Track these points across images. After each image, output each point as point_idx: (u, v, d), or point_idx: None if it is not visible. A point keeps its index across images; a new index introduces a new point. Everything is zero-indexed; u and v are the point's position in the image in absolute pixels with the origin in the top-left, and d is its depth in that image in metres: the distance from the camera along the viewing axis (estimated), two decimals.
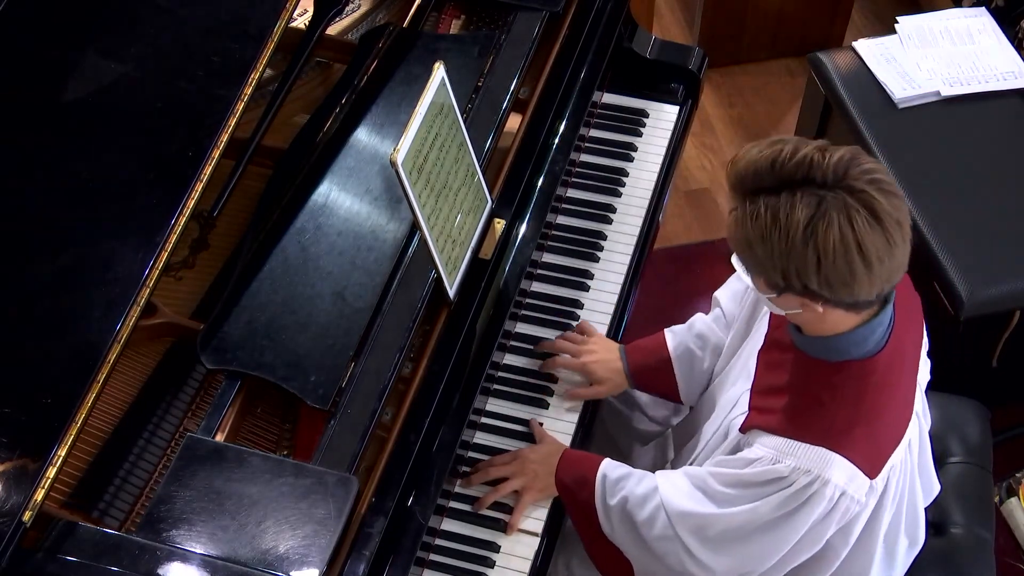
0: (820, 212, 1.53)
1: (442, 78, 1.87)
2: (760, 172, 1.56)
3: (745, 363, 1.91)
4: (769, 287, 1.64)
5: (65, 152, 2.01)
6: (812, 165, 1.54)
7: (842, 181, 1.54)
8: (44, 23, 2.14)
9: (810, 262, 1.54)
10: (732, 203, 1.62)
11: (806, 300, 1.62)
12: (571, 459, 2.00)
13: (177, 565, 1.67)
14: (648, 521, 1.87)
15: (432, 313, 2.01)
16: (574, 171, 2.41)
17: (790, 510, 1.73)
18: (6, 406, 1.76)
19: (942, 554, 2.18)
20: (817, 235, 1.53)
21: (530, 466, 1.99)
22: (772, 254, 1.56)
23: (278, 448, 1.93)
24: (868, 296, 1.60)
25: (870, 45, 3.05)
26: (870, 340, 1.69)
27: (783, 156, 1.55)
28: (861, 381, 1.70)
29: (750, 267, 1.64)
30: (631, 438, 2.27)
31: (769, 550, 1.79)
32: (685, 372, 2.13)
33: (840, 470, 1.70)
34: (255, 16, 2.15)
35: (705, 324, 2.15)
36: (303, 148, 2.16)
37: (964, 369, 2.80)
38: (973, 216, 2.72)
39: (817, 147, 1.56)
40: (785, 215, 1.54)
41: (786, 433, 1.73)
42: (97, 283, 1.86)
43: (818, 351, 1.72)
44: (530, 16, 2.33)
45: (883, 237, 1.54)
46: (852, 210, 1.53)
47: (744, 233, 1.58)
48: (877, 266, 1.55)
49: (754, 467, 1.75)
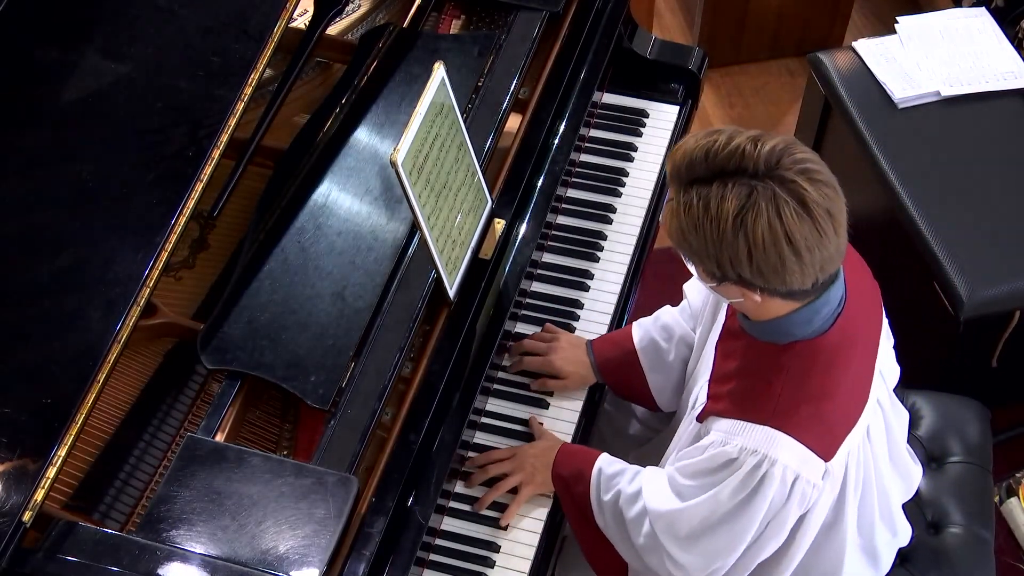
0: (750, 203, 1.54)
1: (442, 78, 1.87)
2: (694, 162, 1.58)
3: (709, 358, 1.91)
4: (708, 276, 1.66)
5: (65, 152, 2.01)
6: (744, 155, 1.55)
7: (773, 171, 1.55)
8: (44, 23, 2.14)
9: (741, 252, 1.56)
10: (670, 194, 1.64)
11: (743, 289, 1.63)
12: (569, 453, 2.01)
13: (177, 565, 1.67)
14: (635, 520, 1.87)
15: (432, 313, 2.01)
16: (574, 171, 2.42)
17: (746, 495, 1.73)
18: (6, 406, 1.76)
19: (942, 554, 2.18)
20: (747, 225, 1.54)
21: (528, 461, 2.00)
22: (705, 244, 1.58)
23: (278, 448, 1.93)
24: (802, 285, 1.61)
25: (870, 45, 3.05)
26: (815, 320, 1.70)
27: (716, 146, 1.57)
28: (807, 360, 1.71)
29: (689, 257, 1.66)
30: (626, 444, 2.27)
31: (733, 541, 1.78)
32: (651, 363, 2.12)
33: (788, 450, 1.70)
34: (255, 16, 2.15)
35: (671, 315, 2.15)
36: (303, 148, 2.16)
37: (964, 369, 2.80)
38: (973, 216, 2.72)
39: (750, 137, 1.57)
40: (716, 205, 1.55)
41: (734, 415, 1.74)
42: (97, 283, 1.86)
43: (765, 334, 1.73)
44: (530, 16, 2.33)
45: (812, 227, 1.55)
46: (781, 200, 1.54)
47: (678, 223, 1.60)
48: (807, 256, 1.56)
49: (708, 452, 1.76)
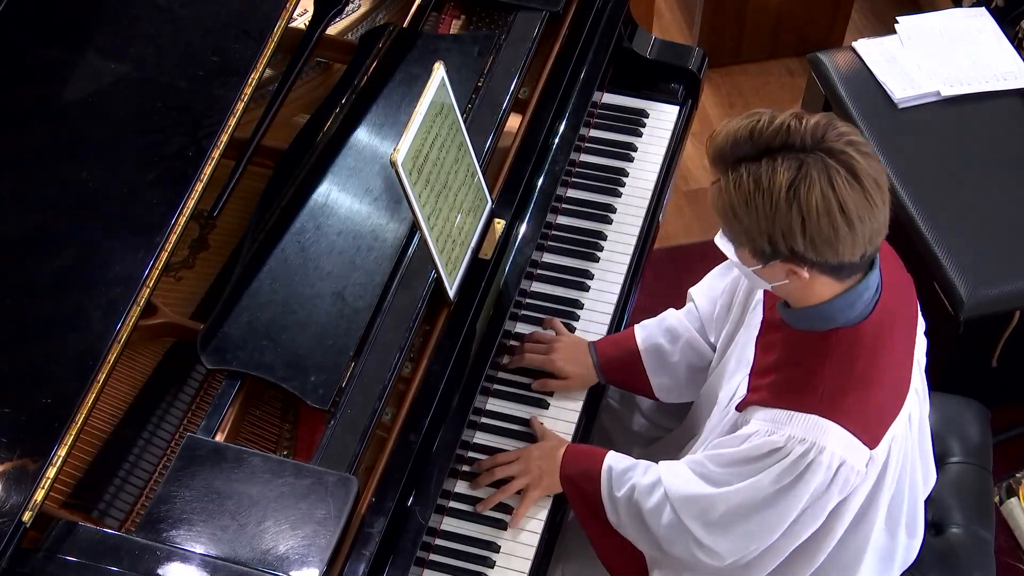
0: (802, 174, 1.57)
1: (442, 78, 1.87)
2: (740, 141, 1.60)
3: (742, 353, 1.91)
4: (756, 257, 1.66)
5: (65, 152, 2.01)
6: (790, 131, 1.58)
7: (820, 144, 1.58)
8: (44, 23, 2.14)
9: (795, 223, 1.58)
10: (714, 176, 1.65)
11: (792, 266, 1.64)
12: (575, 453, 2.01)
13: (177, 565, 1.67)
14: (655, 510, 1.87)
15: (432, 313, 2.01)
16: (574, 171, 2.42)
17: (789, 481, 1.73)
18: (6, 406, 1.76)
19: (942, 554, 2.18)
20: (800, 196, 1.56)
21: (535, 463, 2.00)
22: (757, 219, 1.60)
23: (278, 448, 1.93)
24: (852, 257, 1.62)
25: (870, 45, 3.05)
26: (857, 305, 1.71)
27: (761, 125, 1.59)
28: (850, 347, 1.72)
29: (736, 238, 1.67)
30: (630, 441, 2.27)
31: (772, 525, 1.78)
32: (654, 366, 2.13)
33: (836, 437, 1.71)
34: (255, 16, 2.15)
35: (676, 318, 2.15)
36: (303, 148, 2.16)
37: (964, 369, 2.80)
38: (973, 216, 2.72)
39: (793, 114, 1.60)
40: (768, 179, 1.57)
41: (780, 404, 1.74)
42: (97, 283, 1.86)
43: (806, 322, 1.74)
44: (530, 16, 2.33)
45: (863, 196, 1.58)
46: (832, 170, 1.57)
47: (729, 201, 1.62)
48: (859, 225, 1.59)
49: (750, 441, 1.76)
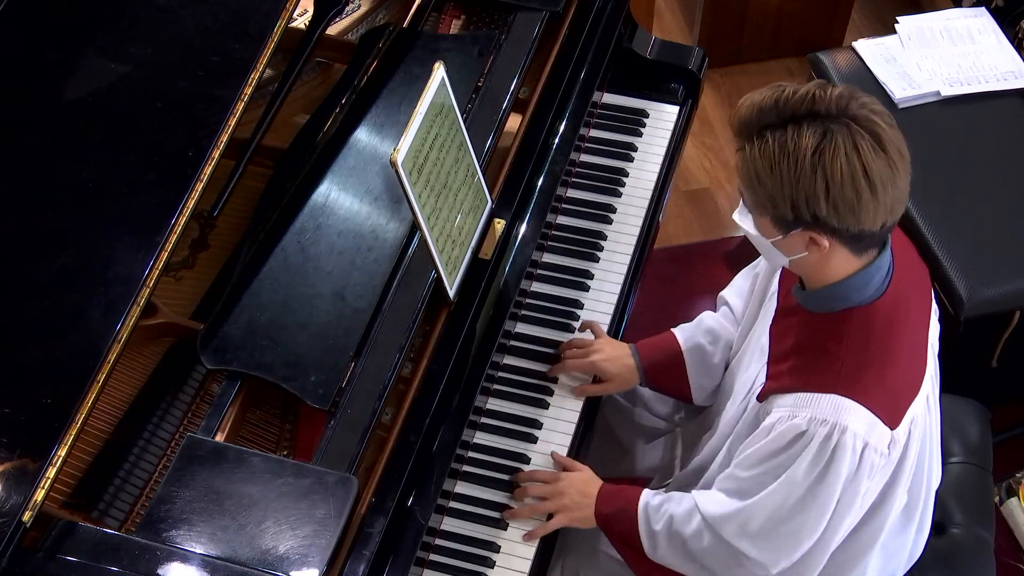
0: (827, 139, 1.59)
1: (442, 78, 1.87)
2: (765, 110, 1.62)
3: (758, 343, 1.92)
4: (777, 226, 1.67)
5: (65, 152, 2.01)
6: (815, 99, 1.61)
7: (845, 112, 1.60)
8: (44, 23, 2.14)
9: (819, 189, 1.59)
10: (738, 144, 1.67)
11: (814, 234, 1.65)
12: (610, 492, 2.01)
13: (177, 565, 1.67)
14: (696, 535, 1.88)
15: (432, 313, 2.01)
16: (574, 171, 2.41)
17: (820, 470, 1.73)
18: (6, 406, 1.76)
19: (942, 554, 2.18)
20: (825, 161, 1.58)
21: (569, 494, 2.00)
22: (781, 184, 1.61)
23: (278, 448, 1.93)
24: (872, 226, 1.64)
25: (870, 45, 3.05)
26: (870, 285, 1.72)
27: (786, 94, 1.62)
28: (865, 325, 1.73)
29: (759, 206, 1.68)
30: (633, 434, 2.28)
31: (812, 521, 1.78)
32: (696, 366, 2.14)
33: (857, 417, 1.71)
34: (255, 16, 2.15)
35: (715, 320, 2.17)
36: (303, 148, 2.16)
37: (964, 369, 2.80)
38: (973, 216, 2.72)
39: (818, 83, 1.63)
40: (793, 143, 1.59)
41: (798, 388, 1.75)
42: (97, 283, 1.85)
43: (821, 304, 1.75)
44: (530, 16, 2.33)
45: (887, 163, 1.60)
46: (857, 136, 1.59)
47: (754, 167, 1.63)
48: (881, 192, 1.60)
49: (775, 431, 1.76)
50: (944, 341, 2.67)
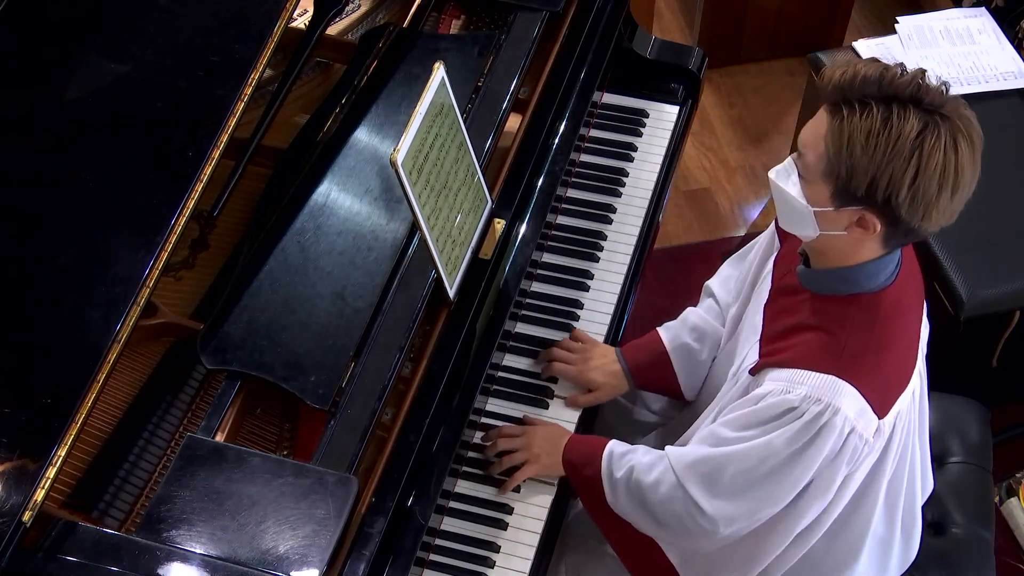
0: (930, 129, 1.58)
1: (442, 78, 1.87)
2: (868, 81, 1.60)
3: (751, 328, 1.92)
4: (836, 197, 1.65)
5: (65, 152, 2.01)
6: (920, 87, 1.60)
7: (942, 107, 1.60)
8: (44, 23, 2.14)
9: (908, 173, 1.58)
10: (829, 107, 1.63)
11: (870, 215, 1.64)
12: (578, 440, 2.04)
13: (177, 565, 1.67)
14: (654, 484, 1.87)
15: (432, 313, 2.01)
16: (574, 171, 2.41)
17: (802, 444, 1.72)
18: (6, 406, 1.76)
19: (942, 554, 2.18)
20: (924, 148, 1.58)
21: (537, 443, 2.02)
22: (872, 157, 1.59)
23: (278, 448, 1.93)
24: (929, 226, 1.64)
25: (870, 45, 3.05)
26: (882, 274, 1.73)
27: (892, 73, 1.61)
28: (871, 312, 1.73)
29: (829, 173, 1.63)
30: (632, 429, 2.28)
31: (780, 492, 1.77)
32: (684, 365, 2.14)
33: (850, 400, 1.71)
34: (255, 16, 2.15)
35: (699, 316, 2.16)
36: (303, 148, 2.16)
37: (964, 369, 2.80)
38: (973, 216, 2.69)
39: (920, 70, 1.62)
40: (898, 123, 1.58)
41: (796, 364, 1.75)
42: (97, 283, 1.85)
43: (829, 285, 1.75)
44: (530, 16, 2.33)
45: (973, 171, 1.61)
46: (959, 135, 1.59)
47: (849, 133, 1.60)
48: (957, 195, 1.61)
49: (765, 401, 1.75)
50: (944, 341, 2.68)
